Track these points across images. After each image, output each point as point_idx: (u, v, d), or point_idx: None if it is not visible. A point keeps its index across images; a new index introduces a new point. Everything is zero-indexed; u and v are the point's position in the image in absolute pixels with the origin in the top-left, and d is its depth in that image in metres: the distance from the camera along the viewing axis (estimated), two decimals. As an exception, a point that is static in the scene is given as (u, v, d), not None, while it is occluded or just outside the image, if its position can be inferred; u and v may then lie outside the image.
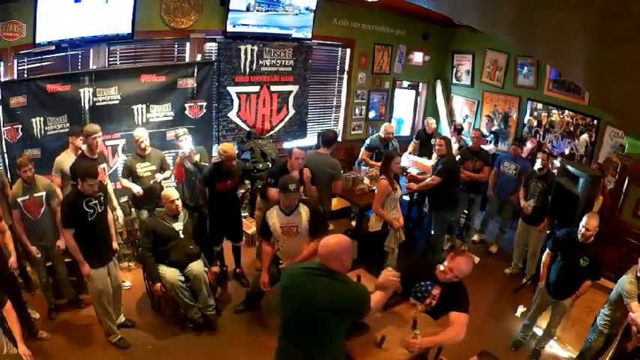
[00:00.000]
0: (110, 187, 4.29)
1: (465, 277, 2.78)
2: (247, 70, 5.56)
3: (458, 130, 6.26)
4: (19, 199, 3.49)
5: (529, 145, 5.97)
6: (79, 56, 4.48)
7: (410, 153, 6.32)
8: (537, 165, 4.72)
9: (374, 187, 5.10)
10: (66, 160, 3.87)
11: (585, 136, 5.68)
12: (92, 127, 3.90)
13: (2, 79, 4.00)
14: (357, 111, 7.04)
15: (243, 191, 5.02)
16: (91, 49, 4.52)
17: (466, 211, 5.62)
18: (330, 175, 4.35)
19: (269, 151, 5.68)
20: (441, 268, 2.76)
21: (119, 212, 4.39)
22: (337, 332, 2.19)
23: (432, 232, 5.01)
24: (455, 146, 5.92)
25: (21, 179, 3.51)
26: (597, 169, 5.17)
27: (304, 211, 3.42)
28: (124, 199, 4.58)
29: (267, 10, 5.36)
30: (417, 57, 7.34)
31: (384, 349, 2.52)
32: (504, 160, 5.38)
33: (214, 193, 4.18)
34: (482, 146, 5.62)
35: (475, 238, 5.84)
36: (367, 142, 5.84)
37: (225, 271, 4.59)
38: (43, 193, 3.59)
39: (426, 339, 2.51)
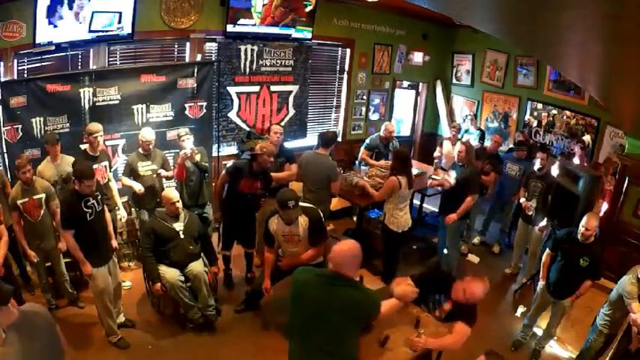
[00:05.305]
0: (114, 186, 4.29)
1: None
2: (247, 70, 5.55)
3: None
4: (19, 202, 3.50)
5: (518, 137, 6.09)
6: (79, 56, 4.47)
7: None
8: (537, 165, 4.72)
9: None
10: (45, 169, 3.84)
11: (587, 137, 5.70)
12: (94, 127, 3.95)
13: (2, 79, 3.99)
14: (357, 111, 7.04)
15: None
16: (91, 49, 4.52)
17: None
18: (327, 176, 4.34)
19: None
20: (457, 287, 2.77)
21: (122, 212, 4.40)
22: (352, 336, 2.21)
23: (446, 249, 4.73)
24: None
25: (20, 181, 3.51)
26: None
27: (303, 219, 3.41)
28: (124, 199, 4.58)
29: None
30: (417, 57, 7.34)
31: (387, 348, 2.53)
32: (507, 161, 5.38)
33: (235, 192, 4.09)
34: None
35: (476, 240, 5.84)
36: (367, 141, 5.83)
37: (230, 274, 4.57)
38: (42, 195, 3.59)
39: (429, 340, 2.53)
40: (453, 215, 4.43)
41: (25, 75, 4.19)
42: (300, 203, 3.40)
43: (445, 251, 4.62)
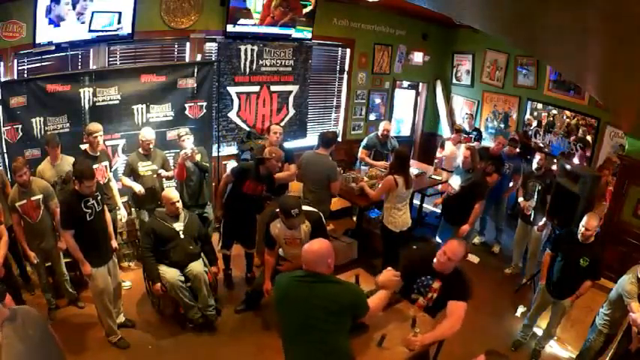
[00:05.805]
0: (114, 186, 4.30)
1: (466, 276, 2.79)
2: (247, 70, 5.56)
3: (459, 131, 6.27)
4: (17, 204, 3.49)
5: (514, 136, 6.05)
6: (79, 56, 4.47)
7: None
8: (534, 165, 4.72)
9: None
10: (45, 169, 3.85)
11: (588, 138, 5.70)
12: (94, 126, 3.95)
13: (2, 79, 3.99)
14: (357, 111, 7.04)
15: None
16: (91, 49, 4.52)
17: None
18: (327, 177, 4.34)
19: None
20: (438, 255, 2.75)
21: (123, 212, 4.40)
22: (341, 333, 2.21)
23: None
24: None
25: (17, 184, 3.51)
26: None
27: (305, 224, 3.40)
28: (125, 199, 4.58)
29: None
30: (417, 57, 7.35)
31: (384, 348, 2.53)
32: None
33: (238, 192, 4.10)
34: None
35: (476, 240, 5.83)
36: (365, 140, 5.85)
37: (230, 274, 4.57)
38: (40, 196, 3.59)
39: (426, 335, 2.52)
40: (467, 227, 4.39)
41: (25, 75, 4.19)
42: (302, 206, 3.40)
43: None
